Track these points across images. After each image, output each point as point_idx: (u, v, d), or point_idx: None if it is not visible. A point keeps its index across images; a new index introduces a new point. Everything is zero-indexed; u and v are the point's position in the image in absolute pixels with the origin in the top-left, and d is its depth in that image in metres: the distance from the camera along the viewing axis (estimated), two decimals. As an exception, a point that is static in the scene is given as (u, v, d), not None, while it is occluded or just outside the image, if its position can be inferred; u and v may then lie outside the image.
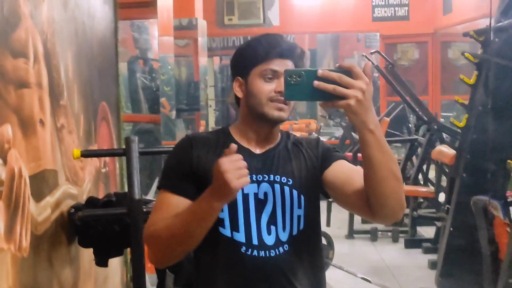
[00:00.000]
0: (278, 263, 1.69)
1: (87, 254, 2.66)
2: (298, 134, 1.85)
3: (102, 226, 2.47)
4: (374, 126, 1.46)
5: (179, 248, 1.65)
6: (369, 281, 4.57)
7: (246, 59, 1.74)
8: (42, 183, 2.11)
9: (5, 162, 1.73)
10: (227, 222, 1.69)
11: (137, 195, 2.40)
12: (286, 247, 1.70)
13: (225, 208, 1.67)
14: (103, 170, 3.16)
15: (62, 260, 2.37)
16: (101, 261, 2.63)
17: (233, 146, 1.53)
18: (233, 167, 1.49)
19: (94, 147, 2.93)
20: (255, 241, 1.68)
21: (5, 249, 1.73)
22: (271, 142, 1.78)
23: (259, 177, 1.71)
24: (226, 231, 1.69)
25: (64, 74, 2.40)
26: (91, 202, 2.52)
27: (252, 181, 1.68)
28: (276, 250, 1.69)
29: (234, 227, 1.68)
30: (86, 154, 2.49)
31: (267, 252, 1.68)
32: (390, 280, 4.96)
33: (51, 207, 2.21)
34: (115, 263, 3.22)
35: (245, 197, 1.69)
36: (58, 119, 2.30)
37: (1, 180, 1.71)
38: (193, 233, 1.61)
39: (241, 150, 1.71)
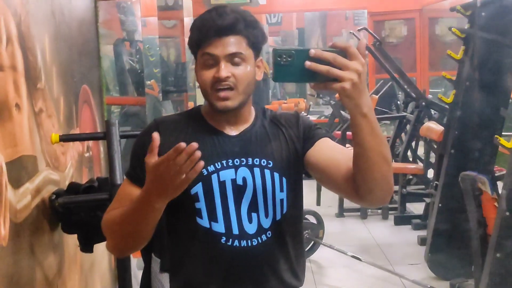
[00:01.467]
0: (260, 252, 1.62)
1: (72, 241, 2.62)
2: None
3: (84, 212, 2.43)
4: (367, 109, 1.36)
5: (129, 240, 1.59)
6: (360, 259, 4.57)
7: (190, 44, 1.62)
8: (20, 170, 2.06)
9: (-22, 148, 1.69)
10: (204, 213, 1.60)
11: (118, 180, 2.35)
12: (269, 233, 1.62)
13: (201, 197, 1.59)
14: (87, 155, 3.11)
15: (44, 247, 2.33)
16: (86, 247, 2.59)
17: (155, 137, 1.41)
18: (168, 171, 1.37)
19: (76, 131, 2.88)
20: (235, 231, 1.60)
21: (-19, 238, 1.70)
22: (245, 122, 1.67)
23: (236, 161, 1.62)
24: (204, 222, 1.60)
25: (41, 57, 2.34)
26: (73, 188, 2.47)
27: (229, 166, 1.61)
28: (259, 238, 1.61)
29: (213, 218, 1.60)
30: (65, 138, 2.43)
31: (248, 241, 1.60)
32: (380, 258, 4.96)
33: (31, 193, 2.16)
34: (101, 249, 3.18)
35: (222, 184, 1.60)
36: (35, 103, 2.25)
37: (-25, 168, 1.66)
38: (139, 229, 1.54)
39: (214, 132, 1.65)
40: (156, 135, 1.43)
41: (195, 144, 1.36)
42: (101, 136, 2.53)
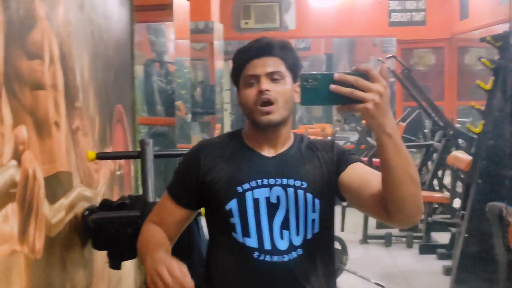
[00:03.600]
0: (291, 268, 1.68)
1: (101, 257, 2.66)
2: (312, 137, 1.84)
3: (115, 229, 2.47)
4: (391, 130, 1.43)
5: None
6: (383, 287, 4.55)
7: (233, 71, 1.76)
8: (56, 185, 2.11)
9: (19, 163, 1.74)
10: (238, 228, 1.69)
11: (151, 198, 2.39)
12: (299, 251, 1.69)
13: (236, 213, 1.69)
14: (118, 173, 3.17)
15: (75, 262, 2.37)
16: (115, 264, 2.63)
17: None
18: (156, 279, 1.50)
19: (109, 149, 2.93)
20: (267, 246, 1.68)
21: (18, 251, 1.74)
22: (283, 145, 1.76)
23: (271, 181, 1.70)
24: (238, 236, 1.69)
25: (80, 76, 2.41)
26: (105, 204, 2.52)
27: (263, 185, 1.69)
28: (289, 254, 1.68)
29: (246, 233, 1.69)
30: (101, 156, 2.49)
31: (280, 257, 1.68)
32: (404, 286, 4.93)
33: (65, 209, 2.21)
34: (128, 266, 3.22)
35: (256, 201, 1.69)
36: (73, 121, 2.31)
37: (15, 182, 1.71)
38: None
39: (252, 153, 1.74)
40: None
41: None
42: (135, 155, 2.58)
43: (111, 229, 2.48)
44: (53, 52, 2.07)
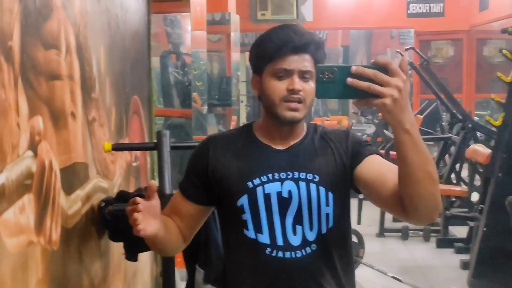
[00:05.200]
0: (305, 264, 1.64)
1: (117, 248, 2.66)
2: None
3: (132, 221, 2.46)
4: (410, 126, 1.37)
5: (157, 250, 1.83)
6: (400, 281, 4.51)
7: (259, 56, 1.67)
8: (72, 176, 2.10)
9: (35, 154, 1.73)
10: (250, 224, 1.66)
11: (167, 190, 2.38)
12: (313, 246, 1.65)
13: (247, 209, 1.65)
14: (134, 164, 3.16)
15: (92, 253, 2.36)
16: (131, 256, 2.62)
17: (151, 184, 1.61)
18: (129, 215, 1.58)
19: (125, 140, 2.93)
20: (280, 242, 1.64)
21: (35, 242, 1.73)
22: (295, 138, 1.71)
23: (282, 175, 1.66)
24: (250, 233, 1.66)
25: (96, 67, 2.39)
26: (122, 196, 2.50)
27: (274, 180, 1.65)
28: (303, 250, 1.64)
29: (258, 229, 1.65)
30: (117, 147, 2.47)
31: (293, 253, 1.64)
32: (421, 280, 4.89)
33: (81, 200, 2.20)
34: (144, 257, 3.22)
35: (267, 197, 1.65)
36: (89, 112, 2.30)
37: (31, 173, 1.70)
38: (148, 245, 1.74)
39: (263, 147, 1.70)
40: (151, 183, 1.63)
41: (138, 199, 1.58)
42: (152, 146, 2.56)
43: (127, 221, 2.46)
44: (70, 42, 2.06)
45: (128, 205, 1.58)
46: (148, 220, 1.58)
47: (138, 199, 1.57)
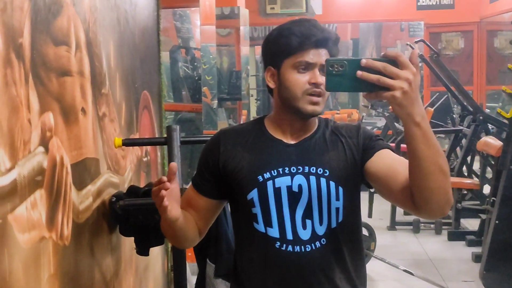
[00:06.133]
0: (315, 258, 1.64)
1: (128, 243, 2.67)
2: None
3: (143, 215, 2.47)
4: (420, 119, 1.35)
5: (175, 241, 1.82)
6: (412, 274, 4.51)
7: (279, 48, 1.66)
8: (83, 172, 2.11)
9: (46, 150, 1.73)
10: (260, 218, 1.66)
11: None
12: (323, 241, 1.65)
13: (257, 203, 1.65)
14: (145, 159, 3.17)
15: (103, 248, 2.37)
16: (142, 250, 2.63)
17: (171, 167, 1.57)
18: (155, 195, 1.55)
19: (136, 136, 2.93)
20: (289, 236, 1.64)
21: (46, 237, 1.74)
22: (307, 132, 1.71)
23: (293, 169, 1.66)
24: (260, 227, 1.66)
25: (106, 63, 2.40)
26: (132, 191, 2.52)
27: (285, 174, 1.65)
28: (312, 244, 1.64)
29: (267, 223, 1.65)
30: (128, 142, 2.48)
31: (302, 247, 1.64)
32: (433, 273, 4.88)
33: (92, 195, 2.21)
34: (156, 252, 3.24)
35: (277, 191, 1.65)
36: (99, 108, 2.30)
37: (43, 168, 1.71)
38: (174, 234, 1.72)
39: (273, 141, 1.70)
40: (172, 165, 1.58)
41: (164, 178, 1.55)
42: (162, 141, 2.57)
43: (138, 216, 2.48)
44: (79, 38, 2.06)
45: (154, 185, 1.57)
46: (172, 202, 1.57)
47: (164, 177, 1.56)
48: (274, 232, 1.65)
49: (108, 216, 2.42)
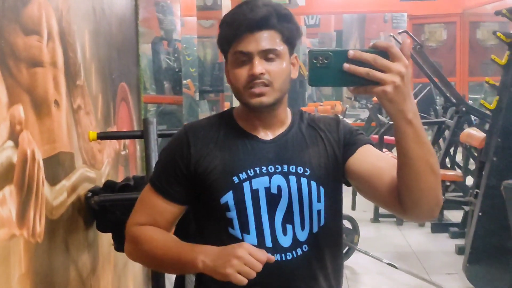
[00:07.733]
0: (296, 267, 1.51)
1: (106, 239, 2.60)
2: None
3: (120, 211, 2.39)
4: (413, 116, 1.25)
5: (151, 266, 1.74)
6: (395, 267, 4.48)
7: (219, 42, 1.54)
8: (57, 166, 2.04)
9: (16, 144, 1.66)
10: (236, 223, 1.51)
11: (155, 179, 2.32)
12: (305, 247, 1.52)
13: (232, 207, 1.50)
14: (123, 153, 3.10)
15: (79, 245, 2.31)
16: (120, 246, 2.55)
17: (270, 258, 1.40)
18: (245, 261, 1.36)
19: (113, 129, 2.86)
20: (268, 243, 1.50)
21: (17, 235, 1.67)
22: (281, 125, 1.57)
23: (271, 168, 1.52)
24: (236, 233, 1.51)
25: (81, 53, 2.33)
26: (109, 186, 2.44)
27: (262, 174, 1.51)
28: (293, 252, 1.52)
29: (244, 229, 1.50)
30: (103, 136, 2.40)
31: (283, 255, 1.51)
32: (416, 266, 4.87)
33: (67, 191, 2.14)
34: (135, 247, 3.17)
35: (255, 193, 1.50)
36: (74, 100, 2.23)
37: (12, 163, 1.64)
38: (168, 270, 1.63)
39: (248, 137, 1.56)
40: (271, 258, 1.42)
41: (272, 258, 1.40)
42: (138, 134, 2.50)
43: (115, 211, 2.41)
44: (52, 27, 1.98)
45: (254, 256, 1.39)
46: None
47: (272, 257, 1.42)
48: (251, 239, 1.50)
49: (84, 212, 2.35)
